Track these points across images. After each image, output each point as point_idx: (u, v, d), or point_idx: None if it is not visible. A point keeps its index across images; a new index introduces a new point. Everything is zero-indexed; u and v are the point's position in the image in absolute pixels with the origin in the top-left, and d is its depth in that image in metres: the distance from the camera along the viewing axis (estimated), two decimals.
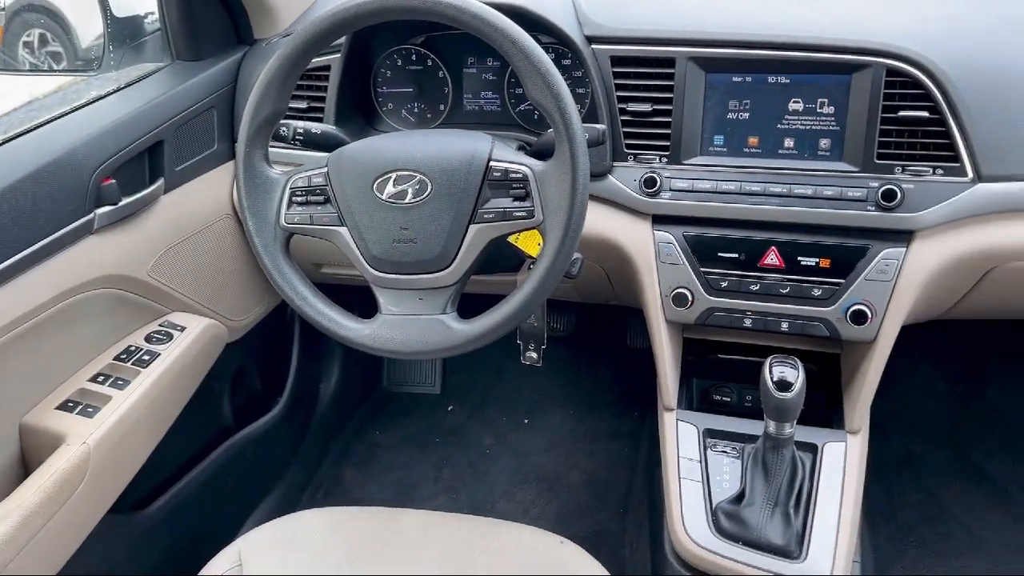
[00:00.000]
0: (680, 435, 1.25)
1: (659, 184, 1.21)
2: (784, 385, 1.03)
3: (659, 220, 1.25)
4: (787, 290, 1.20)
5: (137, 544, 1.39)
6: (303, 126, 1.12)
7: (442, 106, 1.43)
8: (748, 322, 1.24)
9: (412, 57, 1.41)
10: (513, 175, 0.95)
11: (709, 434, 1.25)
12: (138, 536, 1.39)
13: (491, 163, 0.95)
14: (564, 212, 0.92)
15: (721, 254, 1.22)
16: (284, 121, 1.08)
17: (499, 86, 1.40)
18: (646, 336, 1.33)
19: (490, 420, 2.12)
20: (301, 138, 1.11)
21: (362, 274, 1.01)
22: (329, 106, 1.36)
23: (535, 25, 1.24)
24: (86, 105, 1.28)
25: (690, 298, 1.23)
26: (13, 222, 1.06)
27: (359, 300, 1.17)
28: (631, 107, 1.22)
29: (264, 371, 1.80)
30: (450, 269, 0.98)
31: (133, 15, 1.54)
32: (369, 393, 2.24)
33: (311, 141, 1.12)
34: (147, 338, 1.30)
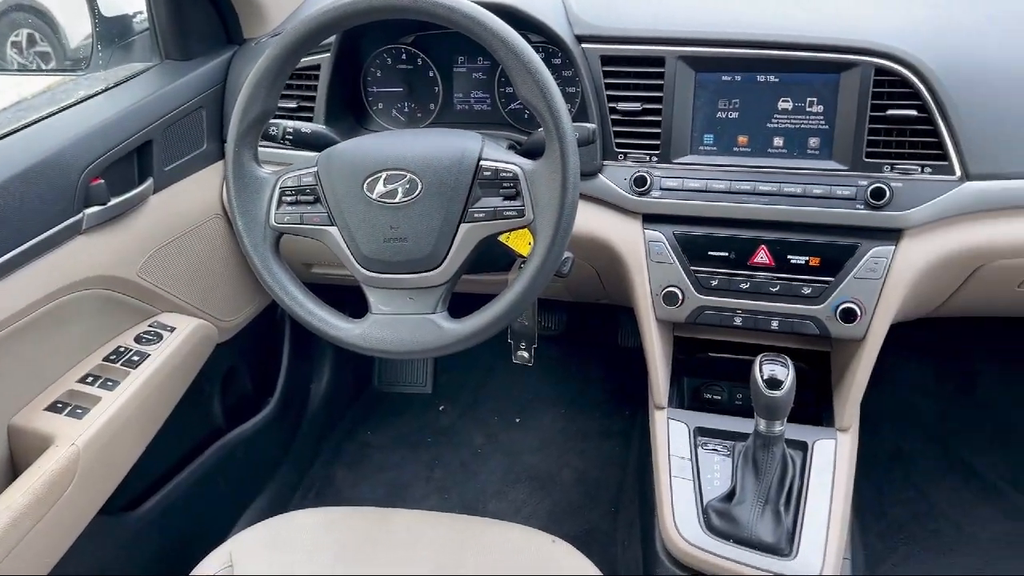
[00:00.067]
0: (671, 433, 1.25)
1: (649, 183, 1.22)
2: (774, 383, 1.04)
3: (649, 219, 1.25)
4: (777, 288, 1.21)
5: (127, 545, 1.38)
6: (293, 125, 1.11)
7: (432, 105, 1.43)
8: (738, 320, 1.24)
9: (402, 56, 1.41)
10: (503, 174, 0.95)
11: (700, 432, 1.25)
12: (128, 537, 1.38)
13: (481, 162, 0.95)
14: (554, 211, 0.92)
15: (711, 253, 1.22)
16: (274, 120, 1.07)
17: (489, 85, 1.40)
18: (637, 335, 1.33)
19: (481, 419, 2.12)
20: (291, 137, 1.11)
21: (352, 274, 1.01)
22: (319, 105, 1.35)
23: (525, 24, 1.24)
24: (74, 105, 1.27)
25: (680, 297, 1.24)
26: (1, 223, 1.06)
27: (350, 300, 1.17)
28: (621, 106, 1.23)
29: (255, 371, 1.80)
30: (441, 268, 0.97)
31: (121, 15, 1.53)
32: (360, 393, 2.23)
33: (301, 140, 1.12)
34: (137, 339, 1.29)
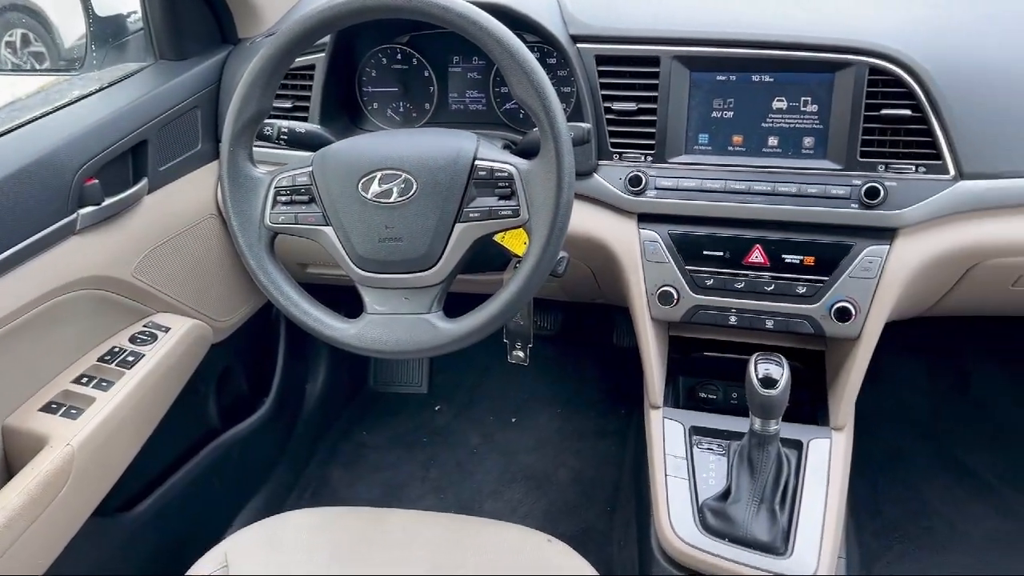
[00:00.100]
0: (666, 433, 1.25)
1: (644, 183, 1.22)
2: (769, 382, 1.04)
3: (644, 218, 1.25)
4: (772, 288, 1.21)
5: (122, 546, 1.38)
6: (288, 125, 1.11)
7: (427, 105, 1.43)
8: (733, 320, 1.24)
9: (397, 56, 1.41)
10: (498, 174, 0.95)
11: (695, 431, 1.25)
12: (123, 538, 1.38)
13: (476, 162, 0.95)
14: (550, 211, 0.92)
15: (706, 252, 1.22)
16: (268, 120, 1.07)
17: (484, 85, 1.40)
18: (632, 334, 1.33)
19: (477, 419, 2.12)
20: (286, 137, 1.11)
21: (347, 274, 1.01)
22: (314, 105, 1.35)
23: (520, 24, 1.24)
24: (69, 105, 1.26)
25: (676, 296, 1.24)
26: None
27: (345, 300, 1.17)
28: (616, 106, 1.23)
29: (250, 371, 1.80)
30: (436, 268, 0.97)
31: (116, 14, 1.53)
32: (356, 393, 2.23)
33: (296, 140, 1.12)
34: (131, 339, 1.29)
